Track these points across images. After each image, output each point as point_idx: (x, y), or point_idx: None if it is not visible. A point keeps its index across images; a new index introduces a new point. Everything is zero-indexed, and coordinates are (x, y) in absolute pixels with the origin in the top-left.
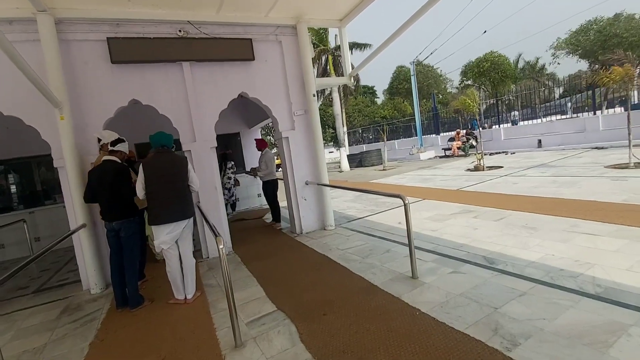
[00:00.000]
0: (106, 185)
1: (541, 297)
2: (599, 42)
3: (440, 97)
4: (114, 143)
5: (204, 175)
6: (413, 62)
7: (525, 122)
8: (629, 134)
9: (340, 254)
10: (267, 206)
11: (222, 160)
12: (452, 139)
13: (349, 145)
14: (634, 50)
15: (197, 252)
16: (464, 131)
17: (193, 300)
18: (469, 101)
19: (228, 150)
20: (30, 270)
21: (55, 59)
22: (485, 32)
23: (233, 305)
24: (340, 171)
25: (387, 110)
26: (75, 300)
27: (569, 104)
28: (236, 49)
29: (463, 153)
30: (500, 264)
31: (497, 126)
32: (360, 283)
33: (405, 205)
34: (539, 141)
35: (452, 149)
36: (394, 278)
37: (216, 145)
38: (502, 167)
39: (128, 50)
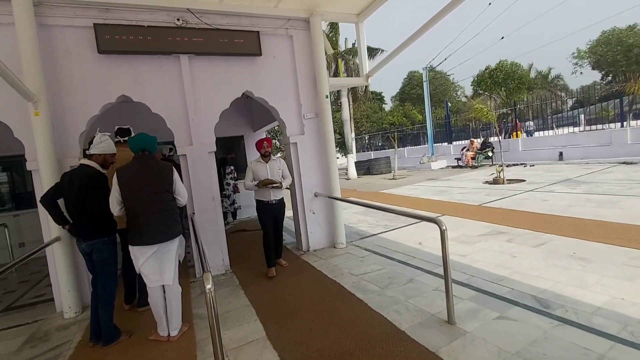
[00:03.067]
0: (74, 195)
1: None
2: (621, 53)
3: (450, 105)
4: (90, 143)
5: (200, 183)
6: (426, 67)
7: (541, 133)
8: None
9: (355, 281)
10: None
11: (221, 165)
12: (465, 148)
13: (356, 152)
14: None
15: (190, 269)
16: (479, 140)
17: (178, 337)
18: (486, 109)
19: (231, 154)
20: (8, 281)
21: (31, 46)
22: (502, 38)
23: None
24: (348, 179)
25: (396, 117)
26: (45, 327)
27: (582, 115)
28: (241, 43)
29: (475, 164)
30: (557, 308)
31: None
32: (383, 326)
33: (442, 232)
34: (560, 153)
35: (466, 159)
36: (425, 321)
37: (215, 149)
38: (524, 180)
39: (118, 39)
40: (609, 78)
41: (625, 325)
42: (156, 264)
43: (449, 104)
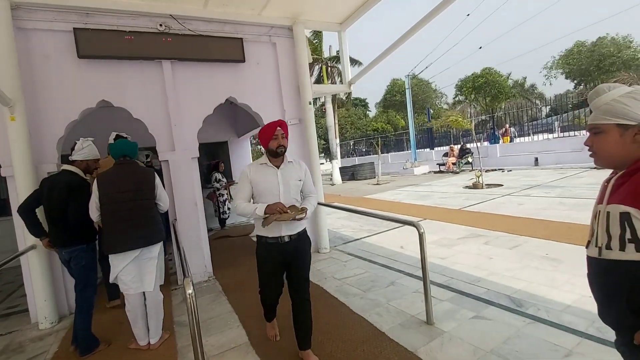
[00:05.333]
0: (54, 201)
1: (593, 358)
2: (594, 63)
3: (432, 111)
4: (72, 149)
5: (183, 189)
6: (408, 75)
7: (519, 139)
8: None
9: (338, 285)
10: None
11: (209, 171)
12: (446, 154)
13: (341, 158)
14: (627, 69)
15: (172, 277)
16: (458, 146)
17: (159, 345)
18: (460, 119)
19: (217, 160)
20: None
21: (8, 49)
22: (480, 47)
23: None
24: (332, 184)
25: (379, 123)
26: (19, 338)
27: (556, 123)
28: (224, 49)
29: (456, 169)
30: (530, 307)
31: (486, 143)
32: (364, 328)
33: (420, 235)
34: (536, 159)
35: (447, 165)
36: (405, 323)
37: (198, 155)
38: (501, 185)
39: (98, 43)
40: (581, 87)
41: (592, 321)
42: (136, 271)
43: (431, 111)
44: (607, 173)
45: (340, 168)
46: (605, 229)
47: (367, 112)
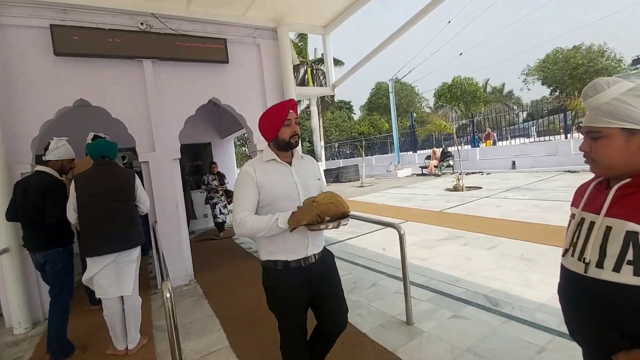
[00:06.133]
0: (29, 203)
1: (564, 355)
2: (567, 71)
3: (415, 115)
4: (46, 149)
5: (163, 191)
6: (392, 79)
7: (499, 143)
8: None
9: None
10: None
11: (191, 172)
12: (429, 157)
13: (325, 160)
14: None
15: (152, 280)
16: (440, 150)
17: (137, 350)
18: (444, 124)
19: (197, 161)
20: None
21: None
22: (461, 54)
23: None
24: None
25: (364, 126)
26: None
27: (533, 127)
28: (208, 49)
29: (438, 172)
30: (505, 306)
31: (469, 146)
32: (345, 329)
33: (401, 237)
34: (513, 163)
35: (429, 168)
36: (385, 323)
37: (180, 156)
38: (481, 187)
39: (76, 41)
40: (557, 93)
41: (563, 319)
42: (113, 274)
43: (414, 115)
44: (579, 177)
45: (324, 170)
46: (599, 245)
47: (352, 114)
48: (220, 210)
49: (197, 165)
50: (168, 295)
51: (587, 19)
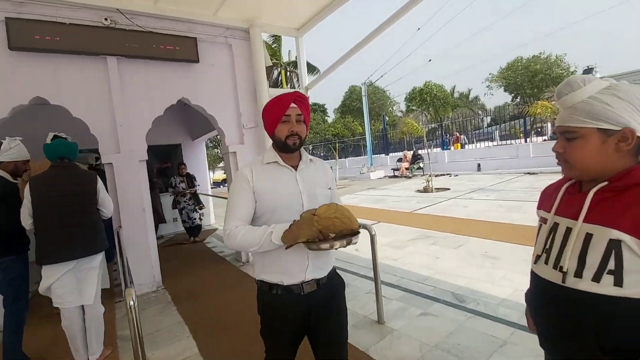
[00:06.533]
0: None
1: (525, 347)
2: (527, 78)
3: (388, 119)
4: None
5: (129, 194)
6: (365, 83)
7: (466, 146)
8: None
9: None
10: (209, 227)
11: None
12: (400, 160)
13: None
14: (556, 86)
15: (116, 288)
16: (410, 153)
17: None
18: (416, 124)
19: (166, 163)
20: None
21: None
22: (430, 60)
23: None
24: None
25: (338, 129)
26: None
27: (496, 132)
28: (177, 48)
29: (409, 174)
30: (471, 302)
31: (438, 149)
32: None
33: (372, 237)
34: (479, 165)
35: (401, 170)
36: (357, 323)
37: (147, 158)
38: (449, 189)
39: (33, 35)
40: (518, 100)
41: (524, 313)
42: (73, 283)
43: (387, 118)
44: (537, 178)
45: None
46: (578, 254)
47: (326, 117)
48: (188, 215)
49: (166, 167)
50: (132, 302)
51: (548, 29)
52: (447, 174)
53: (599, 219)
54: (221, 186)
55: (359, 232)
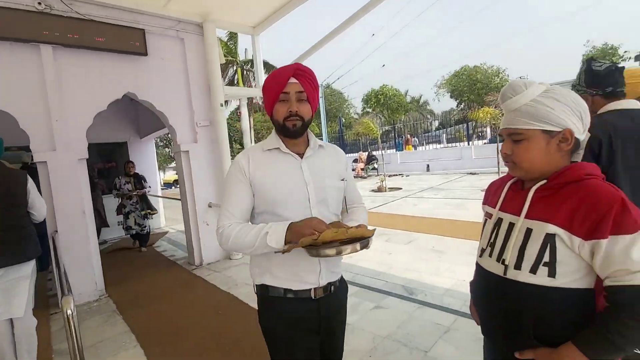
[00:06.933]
0: None
1: (466, 332)
2: (469, 86)
3: (344, 120)
4: None
5: (66, 195)
6: (321, 84)
7: (419, 148)
8: (498, 163)
9: (249, 291)
10: (159, 230)
11: (103, 175)
12: (356, 161)
13: None
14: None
15: (52, 299)
16: (366, 154)
17: None
18: (372, 125)
19: (110, 163)
20: None
21: None
22: (384, 65)
23: None
24: None
25: None
26: None
27: (444, 135)
28: (123, 39)
29: (364, 175)
30: (419, 293)
31: (393, 150)
32: None
33: None
34: (428, 166)
35: (356, 170)
36: None
37: (87, 156)
38: (401, 188)
39: None
40: (462, 105)
41: (465, 301)
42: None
43: (343, 120)
44: (479, 177)
45: None
46: (519, 247)
47: None
48: (135, 220)
49: (110, 167)
50: (69, 311)
51: (491, 41)
52: (400, 174)
53: (537, 215)
54: (172, 187)
55: (365, 246)
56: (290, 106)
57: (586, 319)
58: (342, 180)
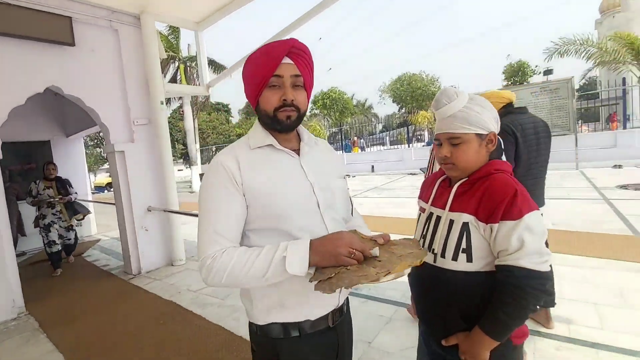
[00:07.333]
0: None
1: (406, 321)
2: (410, 92)
3: None
4: None
5: None
6: None
7: (365, 150)
8: (430, 164)
9: (193, 297)
10: (90, 238)
11: (20, 178)
12: None
13: (202, 164)
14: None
15: None
16: None
17: None
18: (319, 128)
19: (29, 164)
20: None
21: None
22: (330, 69)
23: None
24: (192, 191)
25: (243, 129)
26: None
27: (387, 137)
28: (45, 26)
29: None
30: (364, 288)
31: (340, 152)
32: (220, 336)
33: None
34: (372, 167)
35: None
36: None
37: (1, 157)
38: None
39: None
40: (403, 110)
41: (404, 293)
42: None
43: None
44: (419, 178)
45: (200, 174)
46: (444, 237)
47: (230, 117)
48: (58, 234)
49: (29, 169)
50: None
51: (429, 49)
52: (347, 175)
53: (457, 207)
54: (105, 191)
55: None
56: (285, 93)
57: None
58: (343, 178)
